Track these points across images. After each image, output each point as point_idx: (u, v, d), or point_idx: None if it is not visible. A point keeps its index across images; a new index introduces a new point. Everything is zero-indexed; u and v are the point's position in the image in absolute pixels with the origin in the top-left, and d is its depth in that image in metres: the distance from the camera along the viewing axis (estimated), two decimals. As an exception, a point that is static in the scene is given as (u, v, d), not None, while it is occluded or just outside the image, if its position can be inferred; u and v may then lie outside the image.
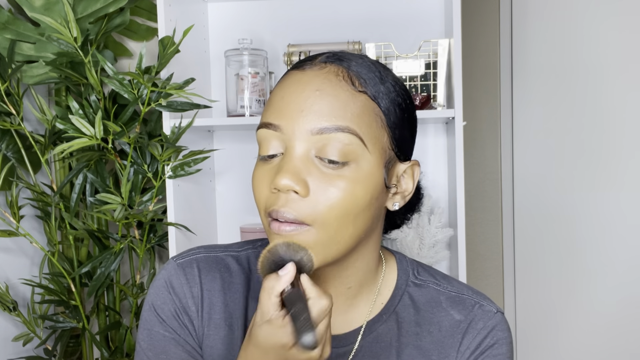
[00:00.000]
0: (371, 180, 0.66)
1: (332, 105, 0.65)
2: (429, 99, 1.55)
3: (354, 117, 0.65)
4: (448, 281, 0.79)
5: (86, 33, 1.58)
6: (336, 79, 0.66)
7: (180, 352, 0.74)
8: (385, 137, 0.68)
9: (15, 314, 1.61)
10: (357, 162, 0.65)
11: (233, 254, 0.80)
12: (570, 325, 2.10)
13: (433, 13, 1.71)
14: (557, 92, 2.07)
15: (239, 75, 1.60)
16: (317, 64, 0.68)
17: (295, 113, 0.65)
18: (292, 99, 0.66)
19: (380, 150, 0.67)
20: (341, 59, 0.69)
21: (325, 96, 0.65)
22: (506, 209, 2.12)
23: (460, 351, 0.74)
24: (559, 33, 2.06)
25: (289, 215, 0.64)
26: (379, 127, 0.67)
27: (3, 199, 1.66)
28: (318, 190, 0.64)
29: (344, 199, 0.65)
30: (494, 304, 0.77)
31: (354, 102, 0.66)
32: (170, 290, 0.76)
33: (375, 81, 0.68)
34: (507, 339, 0.75)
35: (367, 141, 0.66)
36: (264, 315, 0.61)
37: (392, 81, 0.70)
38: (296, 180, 0.64)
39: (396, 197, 0.72)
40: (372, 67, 0.70)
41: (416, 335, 0.75)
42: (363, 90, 0.67)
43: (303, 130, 0.65)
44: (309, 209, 0.64)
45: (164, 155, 1.48)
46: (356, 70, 0.68)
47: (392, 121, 0.68)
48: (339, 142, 0.64)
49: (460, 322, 0.75)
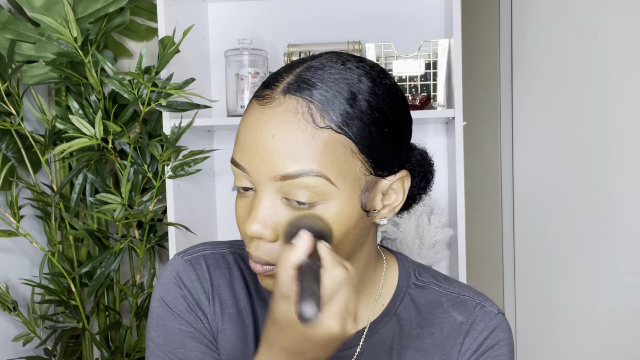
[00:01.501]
0: (344, 215, 0.64)
1: (292, 149, 0.61)
2: (429, 99, 1.55)
3: (317, 158, 0.61)
4: (449, 282, 0.79)
5: (86, 33, 1.58)
6: (294, 119, 0.62)
7: (198, 345, 0.74)
8: (359, 166, 0.64)
9: (15, 314, 1.61)
10: (326, 201, 0.63)
11: (239, 252, 0.80)
12: (570, 326, 2.10)
13: (433, 13, 1.71)
14: (557, 92, 2.07)
15: (239, 75, 1.60)
16: (277, 98, 0.63)
17: (257, 161, 0.63)
18: (251, 144, 0.64)
19: (353, 182, 0.64)
20: (303, 87, 0.63)
21: (283, 140, 0.62)
22: (506, 209, 2.12)
23: (461, 352, 0.74)
24: (559, 33, 2.06)
25: (260, 260, 0.66)
26: (348, 159, 0.63)
27: (3, 199, 1.66)
28: None
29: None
30: (495, 304, 0.77)
31: (316, 141, 0.61)
32: (182, 286, 0.75)
33: (344, 107, 0.63)
34: (508, 339, 0.75)
35: (335, 178, 0.62)
36: (281, 289, 0.58)
37: (367, 96, 0.64)
38: (264, 226, 0.64)
39: (383, 212, 0.69)
40: (341, 86, 0.64)
41: (418, 337, 0.75)
42: (326, 125, 0.62)
43: (266, 177, 0.63)
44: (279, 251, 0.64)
45: (164, 155, 1.48)
46: (319, 99, 0.62)
47: (367, 144, 0.64)
48: (304, 186, 0.62)
49: (461, 324, 0.75)
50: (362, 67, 0.67)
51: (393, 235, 1.61)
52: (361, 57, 0.70)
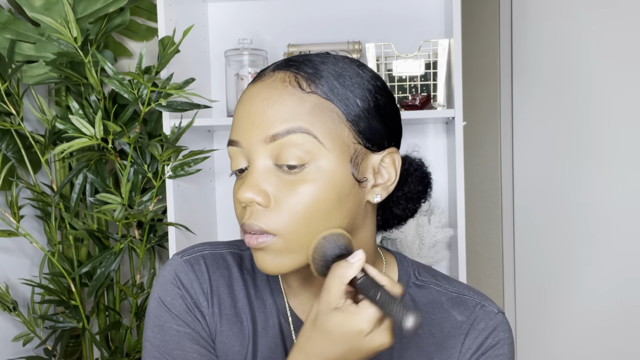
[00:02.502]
0: (335, 178, 0.66)
1: (280, 111, 0.65)
2: (429, 99, 1.55)
3: (304, 117, 0.65)
4: (449, 282, 0.79)
5: (86, 33, 1.58)
6: (282, 85, 0.67)
7: (196, 346, 0.74)
8: (346, 132, 0.67)
9: (15, 314, 1.61)
10: (316, 162, 0.65)
11: (238, 252, 0.80)
12: (569, 325, 2.11)
13: (433, 13, 1.71)
14: (557, 92, 2.07)
15: (239, 75, 1.60)
16: (267, 74, 0.69)
17: (249, 127, 0.66)
18: (244, 115, 0.68)
19: (341, 146, 0.67)
20: (290, 65, 0.69)
21: (272, 104, 0.66)
22: (506, 209, 2.12)
23: (462, 352, 0.74)
24: (559, 33, 2.06)
25: (254, 227, 0.66)
26: (335, 122, 0.66)
27: (3, 199, 1.66)
28: (280, 198, 0.65)
29: (307, 202, 0.65)
30: (495, 304, 0.77)
31: (303, 103, 0.66)
32: (180, 286, 0.76)
33: (329, 79, 0.68)
34: (508, 339, 0.75)
35: (322, 137, 0.65)
36: (332, 302, 0.61)
37: (353, 74, 0.69)
38: (256, 191, 0.65)
39: (376, 190, 0.71)
40: (328, 65, 0.69)
41: (418, 336, 0.75)
42: (312, 90, 0.67)
43: (257, 142, 0.66)
44: (273, 218, 0.65)
45: (164, 155, 1.48)
46: (306, 72, 0.68)
47: (353, 114, 0.67)
48: (293, 144, 0.65)
49: (462, 323, 0.75)
50: (345, 57, 0.73)
51: (393, 235, 1.61)
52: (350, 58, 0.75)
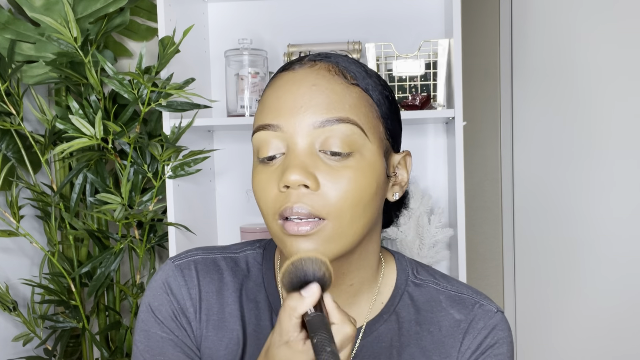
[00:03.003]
0: (375, 169, 0.67)
1: (330, 98, 0.66)
2: (429, 99, 1.55)
3: (352, 108, 0.67)
4: (447, 280, 0.79)
5: (86, 33, 1.58)
6: (329, 74, 0.68)
7: (178, 353, 0.74)
8: (381, 127, 0.70)
9: (15, 314, 1.61)
10: (360, 152, 0.66)
11: (231, 255, 0.80)
12: (570, 325, 2.10)
13: (433, 13, 1.71)
14: (557, 92, 2.07)
15: (239, 75, 1.60)
16: (307, 63, 0.70)
17: (295, 109, 0.66)
18: (288, 97, 0.67)
19: (379, 140, 0.69)
20: (328, 57, 0.71)
21: (322, 90, 0.66)
22: (506, 209, 2.12)
23: (461, 351, 0.74)
24: (559, 33, 2.06)
25: (303, 210, 0.64)
26: (374, 117, 0.69)
27: (3, 199, 1.66)
28: (327, 182, 0.65)
29: (353, 189, 0.65)
30: (493, 303, 0.77)
31: (350, 94, 0.67)
32: (168, 292, 0.76)
33: (364, 75, 0.70)
34: (507, 338, 0.75)
35: (367, 130, 0.67)
36: (283, 336, 0.59)
37: (375, 76, 0.73)
38: (306, 174, 0.64)
39: (395, 188, 0.73)
40: (357, 63, 0.72)
41: (417, 334, 0.75)
42: (355, 82, 0.69)
43: (304, 125, 0.65)
44: (322, 202, 0.64)
45: (164, 155, 1.48)
46: (345, 66, 0.70)
47: (384, 112, 0.70)
48: (341, 133, 0.65)
49: (460, 322, 0.75)
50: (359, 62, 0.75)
51: (393, 235, 1.61)
52: None
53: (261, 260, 0.79)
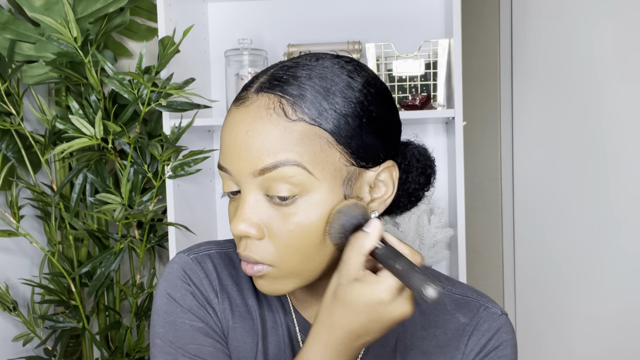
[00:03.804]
0: (326, 207, 0.64)
1: (266, 143, 0.62)
2: (429, 99, 1.55)
3: (292, 148, 0.62)
4: (452, 283, 0.79)
5: (86, 33, 1.58)
6: (266, 114, 0.63)
7: (210, 339, 0.74)
8: (338, 156, 0.64)
9: (15, 314, 1.61)
10: (308, 192, 0.63)
11: None
12: (569, 325, 2.10)
13: (433, 13, 1.71)
14: (557, 92, 2.07)
15: (239, 75, 1.60)
16: (250, 97, 0.65)
17: (235, 158, 0.65)
18: (230, 143, 0.65)
19: (333, 173, 0.64)
20: (275, 84, 0.65)
21: (257, 135, 0.63)
22: (506, 209, 2.12)
23: (465, 353, 0.74)
24: (559, 33, 2.06)
25: (250, 258, 0.66)
26: (325, 149, 0.63)
27: (3, 199, 1.66)
28: (273, 230, 0.65)
29: (300, 234, 0.64)
30: (498, 305, 0.77)
31: (290, 133, 0.62)
32: (190, 282, 0.76)
33: (317, 100, 0.64)
34: (511, 340, 0.75)
35: (313, 168, 0.63)
36: (352, 274, 0.60)
37: (343, 87, 0.65)
38: (249, 225, 0.64)
39: (373, 205, 0.69)
40: (314, 81, 0.65)
41: (421, 338, 0.75)
42: (299, 117, 0.63)
43: (245, 174, 0.64)
44: (267, 250, 0.65)
45: (164, 155, 1.48)
46: (291, 94, 0.64)
47: (343, 135, 0.64)
48: (282, 176, 0.62)
49: (465, 325, 0.75)
50: (337, 63, 0.68)
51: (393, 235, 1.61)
52: (339, 55, 0.71)
53: None
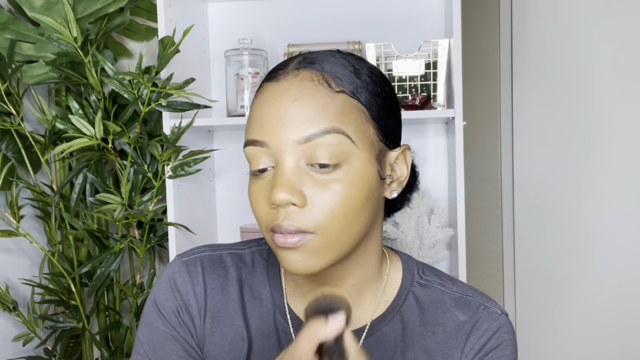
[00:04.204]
0: (365, 177, 0.67)
1: (313, 111, 0.65)
2: (429, 99, 1.55)
3: (337, 117, 0.65)
4: (453, 282, 0.79)
5: (86, 33, 1.58)
6: (312, 84, 0.66)
7: (177, 348, 0.76)
8: (372, 131, 0.68)
9: (15, 314, 1.61)
10: (349, 161, 0.66)
11: (237, 252, 0.81)
12: (570, 325, 2.11)
13: (433, 13, 1.71)
14: (557, 92, 2.07)
15: (239, 75, 1.60)
16: (290, 72, 0.68)
17: (278, 126, 0.65)
18: (272, 113, 0.66)
19: (369, 145, 0.68)
20: (313, 62, 0.69)
21: (304, 104, 0.65)
22: (506, 209, 2.12)
23: (464, 352, 0.74)
24: (559, 33, 2.06)
25: (291, 227, 0.65)
26: (363, 122, 0.67)
27: (3, 199, 1.66)
28: (315, 197, 0.65)
29: (341, 202, 0.65)
30: (498, 305, 0.77)
31: (334, 102, 0.66)
32: (173, 287, 0.77)
33: (351, 77, 0.68)
34: (511, 340, 0.75)
35: (355, 138, 0.66)
36: (296, 354, 0.59)
37: (367, 72, 0.70)
38: (292, 192, 0.64)
39: (393, 185, 0.73)
40: (345, 62, 0.70)
41: (420, 335, 0.75)
42: (340, 89, 0.67)
43: (289, 142, 0.65)
44: (310, 218, 0.65)
45: (164, 155, 1.48)
46: (330, 71, 0.68)
47: (375, 113, 0.69)
48: (327, 144, 0.64)
49: (464, 323, 0.75)
50: (354, 56, 0.73)
51: (393, 235, 1.61)
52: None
53: (267, 256, 0.81)
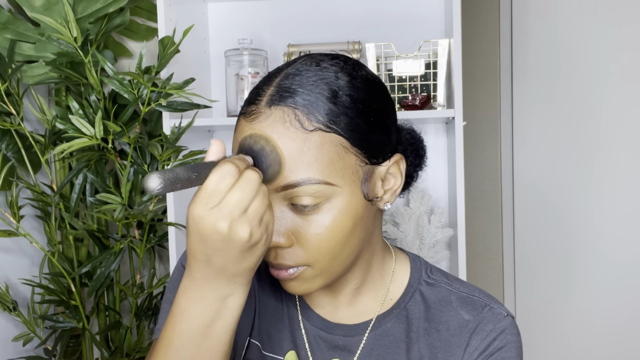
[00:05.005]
0: (350, 208, 0.67)
1: (287, 160, 0.63)
2: (429, 99, 1.55)
3: (312, 164, 0.63)
4: (460, 282, 0.80)
5: (86, 33, 1.58)
6: (283, 128, 0.63)
7: None
8: (354, 159, 0.66)
9: (15, 314, 1.61)
10: (330, 200, 0.65)
11: None
12: (569, 325, 2.11)
13: (433, 13, 1.71)
14: (557, 92, 2.07)
15: (239, 75, 1.60)
16: (263, 111, 0.65)
17: None
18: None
19: (352, 177, 0.66)
20: (285, 96, 0.65)
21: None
22: (506, 209, 2.12)
23: (468, 352, 0.74)
24: (559, 33, 2.06)
25: (284, 266, 0.68)
26: (342, 156, 0.65)
27: (3, 199, 1.66)
28: (301, 234, 0.66)
29: (327, 236, 0.66)
30: (504, 307, 0.77)
31: (308, 145, 0.63)
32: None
33: (328, 106, 0.64)
34: (516, 342, 0.75)
35: (334, 179, 0.65)
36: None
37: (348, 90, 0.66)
38: (277, 235, 0.66)
39: (385, 197, 0.72)
40: (322, 86, 0.65)
41: (425, 331, 0.76)
42: (315, 127, 0.63)
43: (268, 188, 0.65)
44: (299, 254, 0.67)
45: (164, 155, 1.48)
46: (303, 104, 0.64)
47: (357, 137, 0.66)
48: (304, 192, 0.64)
49: (468, 322, 0.75)
50: (337, 64, 0.69)
51: (393, 235, 1.61)
52: (334, 54, 0.72)
53: None
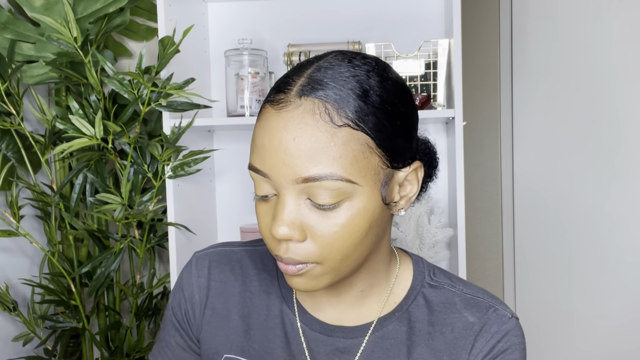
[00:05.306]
0: (368, 209, 0.66)
1: (312, 153, 0.62)
2: (429, 99, 1.55)
3: (336, 160, 0.62)
4: (464, 284, 0.79)
5: (86, 33, 1.58)
6: (313, 120, 0.62)
7: (177, 335, 0.85)
8: (377, 160, 0.65)
9: (15, 314, 1.61)
10: (350, 199, 0.64)
11: (249, 249, 0.85)
12: (569, 325, 2.10)
13: (433, 13, 1.71)
14: (557, 92, 2.07)
15: (239, 75, 1.60)
16: (293, 100, 0.64)
17: (278, 164, 0.64)
18: (272, 148, 0.64)
19: (373, 177, 0.65)
20: (317, 87, 0.64)
21: (304, 143, 0.62)
22: (506, 209, 2.12)
23: (473, 354, 0.74)
24: (559, 33, 2.06)
25: (291, 260, 0.67)
26: (367, 155, 0.64)
27: (3, 199, 1.66)
28: (315, 231, 0.65)
29: (342, 235, 0.65)
30: (509, 309, 0.77)
31: (335, 140, 0.62)
32: (180, 281, 0.84)
33: (357, 103, 0.64)
34: (520, 344, 0.74)
35: (356, 177, 0.64)
36: None
37: (378, 90, 0.66)
38: (291, 228, 0.65)
39: (400, 204, 0.71)
40: (353, 83, 0.65)
41: (428, 334, 0.75)
42: (344, 123, 0.63)
43: (288, 180, 0.64)
44: (311, 250, 0.66)
45: (164, 155, 1.48)
46: (334, 98, 0.63)
47: (383, 138, 0.65)
48: (326, 188, 0.63)
49: (473, 324, 0.75)
50: (369, 63, 0.68)
51: (393, 235, 1.61)
52: (364, 54, 0.71)
53: None
